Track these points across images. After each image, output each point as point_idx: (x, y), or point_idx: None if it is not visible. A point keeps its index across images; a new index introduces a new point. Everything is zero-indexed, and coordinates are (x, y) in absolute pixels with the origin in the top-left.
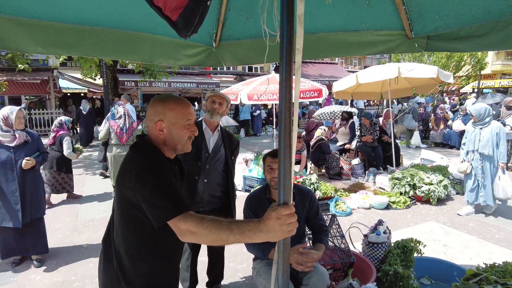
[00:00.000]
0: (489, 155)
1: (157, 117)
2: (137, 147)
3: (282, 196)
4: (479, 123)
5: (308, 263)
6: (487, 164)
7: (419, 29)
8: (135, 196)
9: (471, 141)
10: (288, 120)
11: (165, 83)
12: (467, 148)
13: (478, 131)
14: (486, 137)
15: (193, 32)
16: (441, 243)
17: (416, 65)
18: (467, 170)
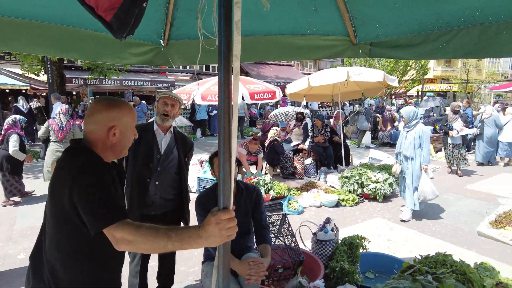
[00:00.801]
0: (411, 157)
1: (112, 122)
2: (72, 151)
3: (222, 200)
4: (407, 126)
5: (260, 273)
6: (410, 166)
7: (362, 36)
8: (71, 201)
9: (398, 143)
10: (227, 125)
11: (117, 81)
12: (396, 150)
13: (405, 134)
14: (409, 139)
15: (129, 33)
16: (386, 238)
17: (364, 69)
18: (397, 171)
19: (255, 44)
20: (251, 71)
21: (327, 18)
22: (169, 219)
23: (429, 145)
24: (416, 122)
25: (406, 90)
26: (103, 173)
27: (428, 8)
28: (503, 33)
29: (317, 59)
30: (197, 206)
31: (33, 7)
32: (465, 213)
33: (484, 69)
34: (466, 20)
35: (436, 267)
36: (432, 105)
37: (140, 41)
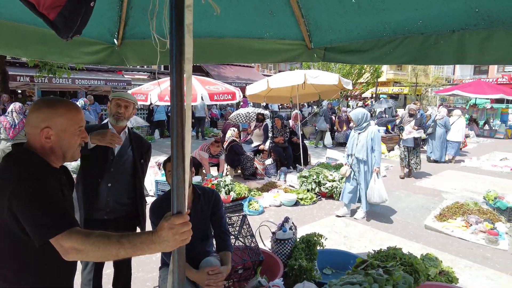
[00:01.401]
0: (364, 160)
1: (44, 123)
2: (12, 157)
3: (175, 205)
4: (358, 128)
5: (219, 283)
6: (362, 169)
7: (317, 41)
8: (11, 212)
9: (349, 145)
10: (180, 128)
11: (68, 79)
12: (347, 152)
13: (356, 136)
14: (362, 141)
15: (76, 33)
16: (342, 234)
17: (321, 72)
18: (347, 173)
19: (212, 46)
20: (211, 72)
21: (283, 22)
22: (123, 225)
23: (380, 147)
24: (367, 124)
25: (361, 93)
26: (46, 179)
27: (376, 16)
28: (441, 43)
29: (274, 62)
30: (151, 214)
31: None
32: (414, 209)
33: (430, 74)
34: (410, 29)
35: (387, 261)
36: (385, 106)
37: (92, 39)
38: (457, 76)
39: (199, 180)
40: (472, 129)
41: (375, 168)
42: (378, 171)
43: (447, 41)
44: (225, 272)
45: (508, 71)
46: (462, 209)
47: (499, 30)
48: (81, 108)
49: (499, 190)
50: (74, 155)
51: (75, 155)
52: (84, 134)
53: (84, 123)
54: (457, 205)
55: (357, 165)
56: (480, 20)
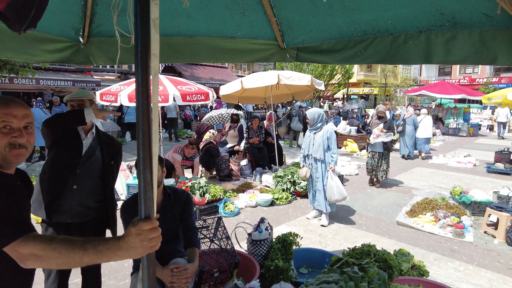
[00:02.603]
0: (321, 159)
1: None
2: None
3: (143, 210)
4: (313, 128)
5: (183, 280)
6: (320, 168)
7: (289, 41)
8: None
9: (306, 146)
10: (146, 128)
11: (33, 80)
12: (303, 152)
13: (312, 136)
14: (318, 141)
15: (30, 26)
16: (317, 233)
17: (294, 73)
18: (307, 174)
19: (183, 45)
20: (184, 72)
21: (256, 22)
22: (90, 230)
23: (336, 145)
24: (321, 124)
25: (333, 93)
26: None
27: (347, 16)
28: (409, 43)
29: (246, 62)
30: (122, 213)
31: None
32: (386, 205)
33: (399, 75)
34: (380, 29)
35: (362, 258)
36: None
37: (54, 36)
38: (424, 77)
39: (173, 182)
40: (438, 128)
41: (331, 166)
42: (333, 169)
43: (415, 41)
44: (191, 269)
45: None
46: (431, 205)
47: (463, 31)
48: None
49: (464, 185)
50: (6, 158)
51: (6, 157)
52: (16, 133)
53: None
54: (427, 201)
55: (315, 164)
56: (445, 21)
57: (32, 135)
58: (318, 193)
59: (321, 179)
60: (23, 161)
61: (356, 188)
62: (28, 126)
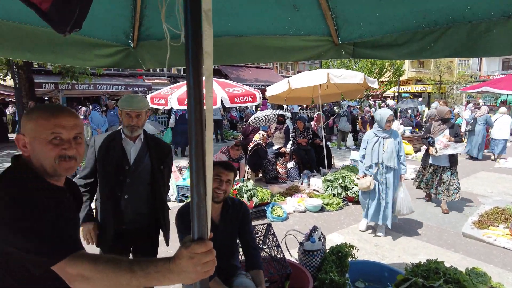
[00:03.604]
0: (394, 168)
1: (22, 130)
2: (5, 173)
3: (196, 229)
4: (383, 131)
5: None
6: (391, 179)
7: (345, 36)
8: (2, 240)
9: (374, 152)
10: (200, 137)
11: (90, 85)
12: (371, 160)
13: (381, 141)
14: (390, 147)
15: (75, 27)
16: (373, 243)
17: (344, 71)
18: (371, 186)
19: (231, 46)
20: (230, 74)
21: (308, 17)
22: (145, 235)
23: (404, 152)
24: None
25: (383, 92)
26: (42, 201)
27: (414, 5)
28: (493, 31)
29: (298, 60)
30: (178, 221)
31: None
32: (448, 214)
33: (455, 70)
34: (455, 17)
35: (429, 276)
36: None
37: (106, 41)
38: (484, 72)
39: None
40: None
41: (403, 176)
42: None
43: (502, 29)
44: None
45: None
46: (503, 215)
47: None
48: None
49: None
50: (56, 170)
51: (56, 170)
52: (66, 145)
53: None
54: (498, 211)
55: (385, 175)
56: None
57: (82, 146)
58: (386, 207)
59: (391, 191)
60: (73, 173)
61: (414, 194)
62: (77, 136)
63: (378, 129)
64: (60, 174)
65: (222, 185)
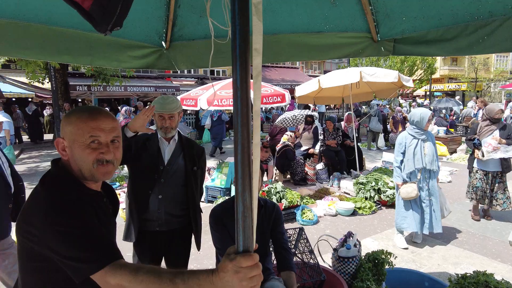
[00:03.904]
0: (435, 171)
1: (61, 133)
2: (46, 178)
3: (241, 241)
4: (422, 132)
5: None
6: (434, 183)
7: (385, 32)
8: (43, 246)
9: (417, 156)
10: (246, 142)
11: (121, 87)
12: (413, 165)
13: (421, 143)
14: (430, 150)
15: (116, 25)
16: (409, 250)
17: (378, 69)
18: (416, 194)
19: (266, 44)
20: None
21: (346, 12)
22: (178, 237)
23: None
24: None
25: (413, 90)
26: (81, 207)
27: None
28: None
29: (333, 58)
30: (214, 221)
31: (17, 6)
32: (491, 221)
33: (492, 67)
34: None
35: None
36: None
37: (140, 42)
38: None
39: None
40: None
41: (439, 178)
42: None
43: None
44: None
45: None
46: None
47: None
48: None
49: None
50: (94, 175)
51: (94, 174)
52: (104, 149)
53: (107, 133)
54: None
55: (427, 180)
56: None
57: (119, 149)
58: (434, 214)
59: (436, 196)
60: (110, 178)
61: (451, 197)
62: (115, 140)
63: (416, 130)
64: (98, 179)
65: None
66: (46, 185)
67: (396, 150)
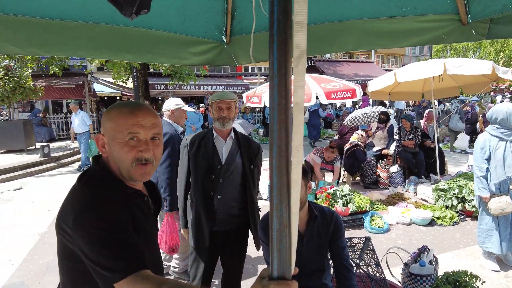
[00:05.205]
0: None
1: (101, 129)
2: (85, 174)
3: (276, 265)
4: (510, 132)
5: None
6: None
7: (478, 11)
8: (75, 245)
9: (507, 162)
10: (284, 144)
11: (195, 86)
12: (504, 173)
13: (509, 146)
14: None
15: (142, 7)
16: (501, 273)
17: (466, 60)
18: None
19: (330, 33)
20: (326, 70)
21: None
22: (234, 236)
23: None
24: None
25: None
26: (114, 209)
27: None
28: None
29: (410, 46)
30: (261, 230)
31: (84, 7)
32: None
33: None
34: None
35: None
36: None
37: (200, 38)
38: None
39: (313, 187)
40: None
41: None
42: None
43: None
44: None
45: None
46: None
47: None
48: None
49: None
50: (131, 175)
51: (132, 175)
52: (143, 147)
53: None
54: None
55: None
56: None
57: (159, 148)
58: None
59: None
60: (149, 179)
61: None
62: (155, 137)
63: (502, 130)
64: (136, 180)
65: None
66: (83, 182)
67: (477, 156)
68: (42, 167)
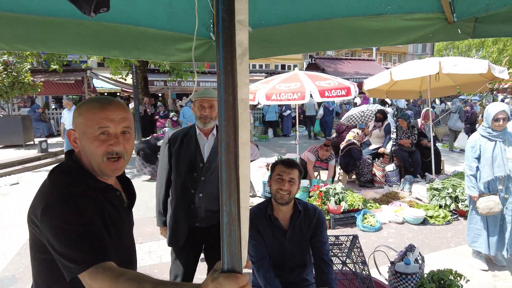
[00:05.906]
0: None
1: (73, 124)
2: (56, 169)
3: (226, 258)
4: (500, 133)
5: None
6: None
7: (463, 10)
8: (43, 237)
9: (496, 161)
10: (231, 140)
11: (193, 82)
12: (492, 173)
13: (500, 146)
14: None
15: (101, 6)
16: (490, 273)
17: (462, 59)
18: (501, 208)
19: (316, 31)
20: (327, 68)
21: None
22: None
23: None
24: None
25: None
26: (82, 201)
27: None
28: None
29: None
30: None
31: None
32: None
33: None
34: None
35: None
36: None
37: (187, 35)
38: None
39: (307, 185)
40: None
41: None
42: None
43: None
44: None
45: None
46: None
47: None
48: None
49: None
50: (102, 169)
51: (103, 170)
52: (113, 141)
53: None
54: None
55: (510, 189)
56: None
57: (130, 141)
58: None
59: None
60: (120, 173)
61: None
62: (126, 131)
63: (489, 130)
64: (107, 174)
65: (285, 184)
66: (53, 176)
67: (468, 155)
68: (39, 162)
